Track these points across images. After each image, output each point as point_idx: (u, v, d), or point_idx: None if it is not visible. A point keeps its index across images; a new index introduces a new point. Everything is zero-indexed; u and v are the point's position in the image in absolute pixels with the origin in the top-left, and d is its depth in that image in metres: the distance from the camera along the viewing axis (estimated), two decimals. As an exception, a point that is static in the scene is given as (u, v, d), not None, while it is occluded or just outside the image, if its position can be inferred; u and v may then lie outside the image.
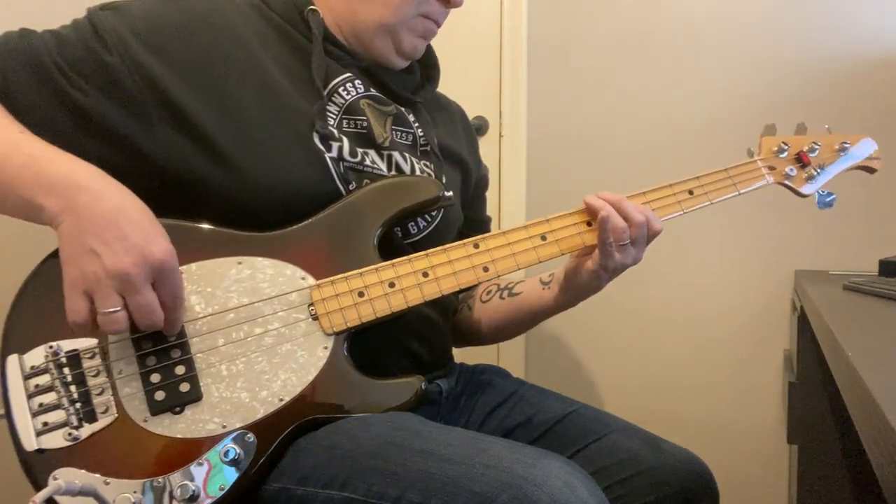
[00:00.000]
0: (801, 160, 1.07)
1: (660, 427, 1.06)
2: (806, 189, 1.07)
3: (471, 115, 1.78)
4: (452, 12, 1.02)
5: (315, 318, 0.85)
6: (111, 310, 0.74)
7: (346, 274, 0.87)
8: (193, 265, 0.84)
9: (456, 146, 1.13)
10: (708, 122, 1.72)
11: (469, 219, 1.16)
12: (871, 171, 1.11)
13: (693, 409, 1.76)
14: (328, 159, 0.91)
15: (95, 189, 0.77)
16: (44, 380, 0.79)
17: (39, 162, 0.78)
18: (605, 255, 0.93)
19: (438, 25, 1.03)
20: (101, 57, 0.84)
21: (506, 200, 1.83)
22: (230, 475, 0.79)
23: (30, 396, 0.79)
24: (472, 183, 1.17)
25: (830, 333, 0.78)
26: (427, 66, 1.12)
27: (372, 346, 0.91)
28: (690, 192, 1.00)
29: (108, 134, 0.85)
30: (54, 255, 0.81)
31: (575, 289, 1.00)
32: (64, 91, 0.84)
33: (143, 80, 0.85)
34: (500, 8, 1.82)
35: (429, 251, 0.91)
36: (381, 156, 0.97)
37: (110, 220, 0.75)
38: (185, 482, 0.77)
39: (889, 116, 1.59)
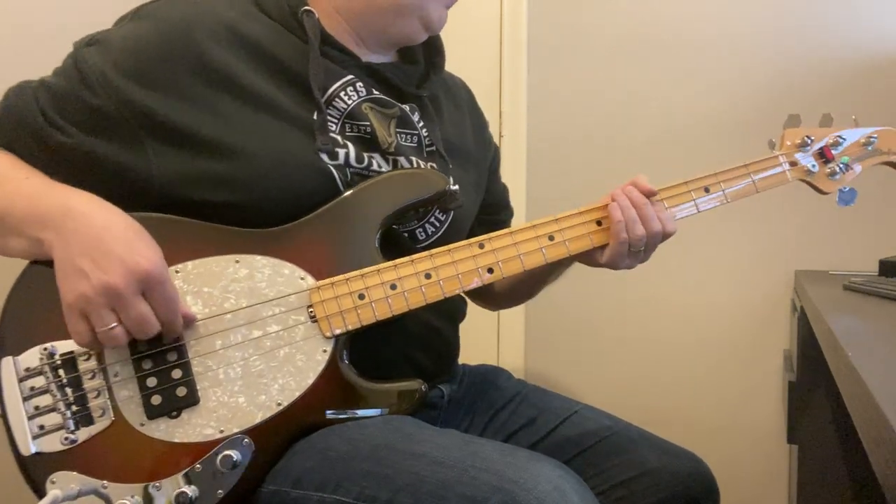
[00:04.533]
0: (824, 155, 1.00)
1: (660, 427, 1.06)
2: (827, 186, 1.01)
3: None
4: (452, 13, 1.00)
5: (314, 320, 0.84)
6: (107, 327, 0.75)
7: (347, 275, 0.85)
8: (190, 264, 0.83)
9: (463, 140, 1.09)
10: (708, 122, 1.72)
11: (487, 203, 1.13)
12: None
13: (693, 409, 1.76)
14: (332, 168, 0.88)
15: (82, 212, 0.79)
16: (39, 382, 0.79)
17: (36, 201, 0.81)
18: (617, 257, 0.91)
19: None
20: (89, 101, 0.85)
21: (506, 200, 1.83)
22: (228, 480, 0.79)
23: (25, 399, 0.79)
24: (485, 174, 1.14)
25: (830, 333, 0.77)
26: (431, 54, 1.07)
27: (374, 356, 0.90)
28: (707, 190, 0.96)
29: (108, 168, 0.85)
30: None
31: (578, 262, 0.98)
32: (57, 141, 0.85)
33: (130, 113, 0.84)
34: (500, 8, 1.82)
35: (433, 251, 0.88)
36: (386, 160, 0.94)
37: (96, 237, 0.77)
38: (183, 487, 0.77)
39: (893, 117, 1.59)
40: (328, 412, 0.83)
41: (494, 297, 1.18)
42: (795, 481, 1.45)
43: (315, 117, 0.89)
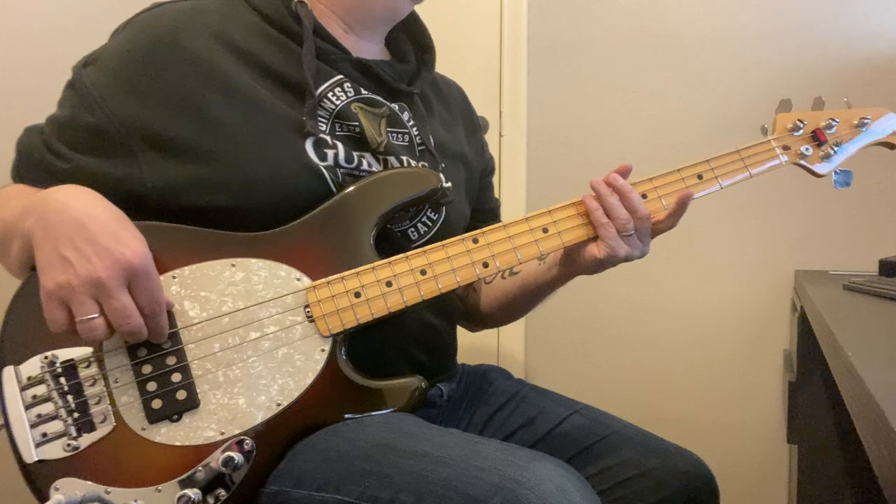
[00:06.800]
0: (817, 138, 0.99)
1: (660, 427, 1.06)
2: (821, 168, 1.00)
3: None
4: (453, 13, 1.00)
5: (311, 320, 0.84)
6: (88, 317, 0.75)
7: (343, 274, 0.85)
8: (186, 269, 0.84)
9: (455, 140, 1.09)
10: (708, 121, 1.72)
11: (477, 210, 1.13)
12: (891, 146, 1.04)
13: (693, 409, 1.76)
14: (323, 169, 0.89)
15: (62, 197, 0.79)
16: (40, 390, 0.79)
17: (25, 201, 0.82)
18: (612, 242, 0.90)
19: None
20: (87, 122, 0.87)
21: (506, 200, 1.82)
22: (231, 482, 0.79)
23: (27, 407, 0.79)
24: (477, 175, 1.14)
25: (830, 333, 0.78)
26: (422, 50, 1.08)
27: (373, 354, 0.90)
28: (700, 177, 0.96)
29: (108, 184, 0.85)
30: None
31: (573, 268, 0.97)
32: (59, 168, 0.87)
33: (125, 128, 0.86)
34: (500, 8, 1.82)
35: (427, 248, 0.88)
36: (377, 159, 0.94)
37: (79, 223, 0.76)
38: (185, 490, 0.77)
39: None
40: (346, 416, 0.84)
41: (490, 315, 1.15)
42: (795, 481, 1.46)
43: (305, 107, 0.89)
